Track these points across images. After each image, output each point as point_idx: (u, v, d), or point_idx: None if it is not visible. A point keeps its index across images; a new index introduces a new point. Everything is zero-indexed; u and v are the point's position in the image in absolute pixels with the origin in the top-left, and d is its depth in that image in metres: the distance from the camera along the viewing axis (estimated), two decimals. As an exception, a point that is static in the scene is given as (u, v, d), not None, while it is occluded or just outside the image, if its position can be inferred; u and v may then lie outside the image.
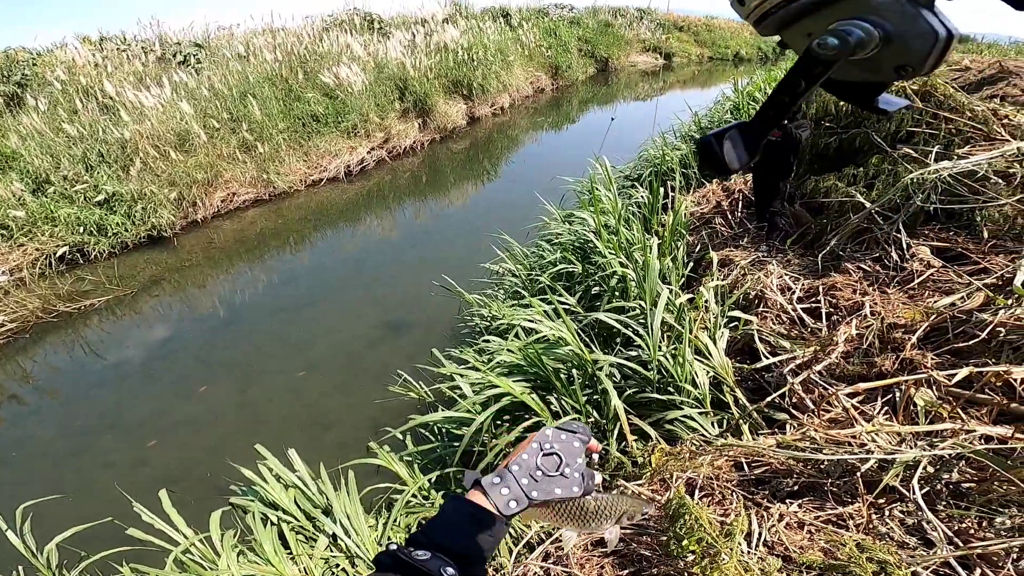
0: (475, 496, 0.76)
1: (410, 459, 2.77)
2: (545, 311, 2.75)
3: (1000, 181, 2.54)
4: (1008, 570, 1.25)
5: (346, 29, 12.97)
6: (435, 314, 4.85)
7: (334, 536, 2.26)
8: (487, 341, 2.94)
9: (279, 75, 10.03)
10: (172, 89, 8.75)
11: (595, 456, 0.87)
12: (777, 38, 0.62)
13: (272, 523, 2.28)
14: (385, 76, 10.87)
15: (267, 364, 4.56)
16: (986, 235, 2.54)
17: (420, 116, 11.15)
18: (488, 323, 3.53)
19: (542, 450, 0.81)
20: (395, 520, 2.32)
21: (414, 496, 2.48)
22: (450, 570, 0.65)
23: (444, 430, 2.92)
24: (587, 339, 2.71)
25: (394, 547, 0.67)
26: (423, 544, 0.68)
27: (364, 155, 9.70)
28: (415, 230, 7.42)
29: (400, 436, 2.95)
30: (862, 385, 1.92)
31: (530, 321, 2.74)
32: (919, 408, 1.92)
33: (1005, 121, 3.05)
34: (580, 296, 3.17)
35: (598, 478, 0.85)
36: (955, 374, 1.83)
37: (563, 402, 2.44)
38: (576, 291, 3.22)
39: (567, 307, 2.99)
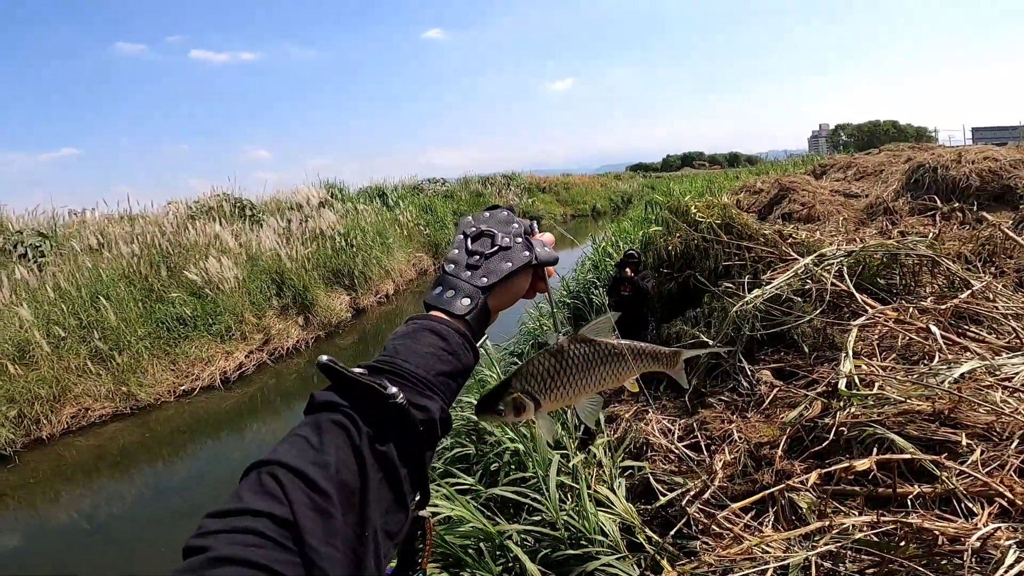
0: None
1: None
2: (444, 494, 2.69)
3: (799, 299, 3.08)
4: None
5: (214, 217, 11.56)
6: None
7: None
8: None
9: (138, 272, 8.80)
10: (11, 289, 7.55)
11: (534, 224, 0.74)
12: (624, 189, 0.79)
13: None
14: (260, 269, 9.90)
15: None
16: (807, 349, 3.00)
17: (301, 312, 10.11)
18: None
19: (467, 236, 0.69)
20: None
21: None
22: (393, 389, 0.52)
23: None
24: (493, 512, 2.66)
25: (324, 359, 0.54)
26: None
27: (242, 359, 8.59)
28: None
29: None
30: (745, 501, 2.03)
31: (430, 505, 2.64)
32: (804, 510, 2.06)
33: (791, 240, 3.80)
34: (481, 474, 3.15)
35: (547, 238, 0.74)
36: (808, 479, 2.00)
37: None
38: (475, 470, 3.20)
39: (467, 486, 2.95)
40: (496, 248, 0.68)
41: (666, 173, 51.75)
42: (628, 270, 3.62)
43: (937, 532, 1.76)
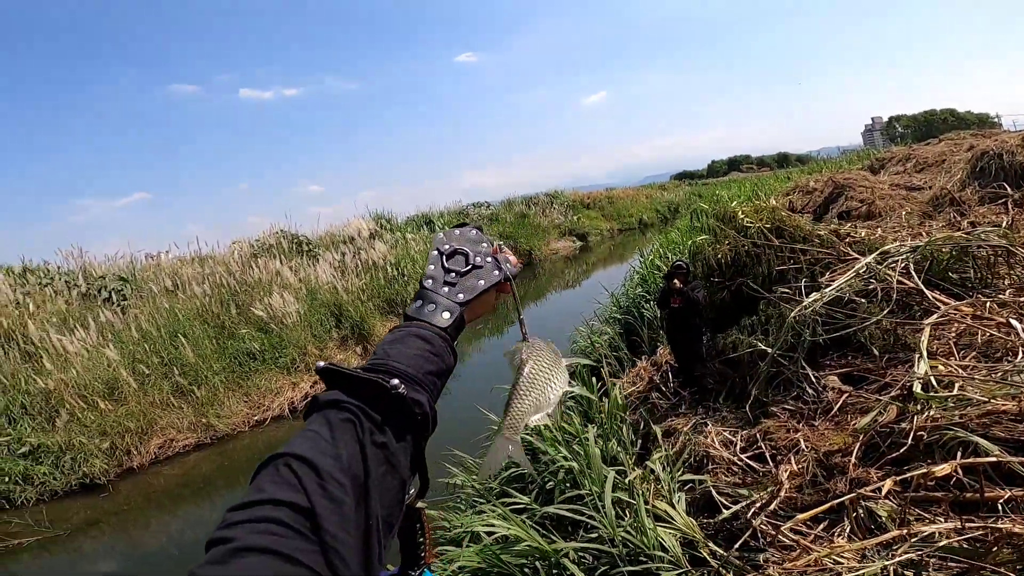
0: None
1: None
2: (499, 513, 2.69)
3: (863, 300, 2.93)
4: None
5: (274, 254, 12.20)
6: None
7: None
8: (446, 551, 2.78)
9: (210, 310, 9.40)
10: (98, 332, 8.20)
11: (500, 244, 0.81)
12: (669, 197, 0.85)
13: None
14: (319, 303, 10.34)
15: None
16: (876, 352, 2.84)
17: (359, 342, 10.51)
18: (446, 532, 3.35)
19: (443, 254, 0.76)
20: None
21: None
22: (395, 380, 0.58)
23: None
24: (548, 531, 2.64)
25: (321, 364, 0.61)
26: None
27: (308, 390, 8.99)
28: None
29: None
30: (813, 511, 1.93)
31: (487, 525, 2.65)
32: (884, 519, 1.93)
33: (848, 239, 3.61)
34: (537, 493, 3.12)
35: (512, 258, 0.81)
36: (882, 486, 1.88)
37: (532, 597, 2.29)
38: (531, 490, 3.18)
39: (522, 506, 2.94)
40: (470, 267, 0.75)
41: (712, 180, 50.51)
42: (677, 281, 3.54)
43: (1025, 534, 1.62)
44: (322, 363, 0.60)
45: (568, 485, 2.95)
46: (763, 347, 3.22)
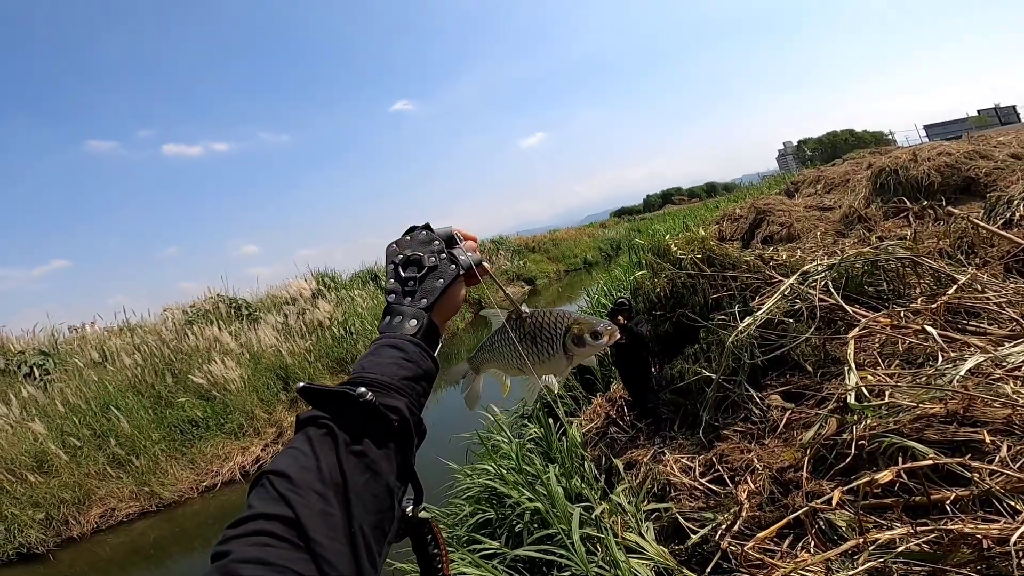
0: None
1: None
2: (470, 561, 2.64)
3: (791, 320, 3.11)
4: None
5: (211, 319, 11.89)
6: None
7: None
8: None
9: (143, 381, 9.22)
10: (20, 407, 8.01)
11: (455, 234, 0.80)
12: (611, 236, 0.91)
13: None
14: (263, 366, 10.15)
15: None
16: (810, 369, 3.00)
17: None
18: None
19: (398, 265, 0.76)
20: None
21: None
22: (362, 388, 0.59)
23: None
24: (522, 574, 2.61)
25: (300, 384, 0.61)
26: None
27: (259, 453, 8.84)
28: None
29: None
30: (772, 528, 1.99)
31: (458, 574, 2.59)
32: (843, 528, 2.01)
33: (772, 263, 3.84)
34: (506, 536, 3.08)
35: (469, 244, 0.80)
36: (832, 498, 1.97)
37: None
38: (499, 534, 3.14)
39: (493, 550, 2.89)
40: (425, 270, 0.75)
41: (649, 214, 52.54)
42: (620, 318, 3.65)
43: (980, 535, 1.72)
44: (301, 384, 0.62)
45: (536, 526, 2.94)
46: (708, 373, 3.34)
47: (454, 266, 0.76)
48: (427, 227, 0.81)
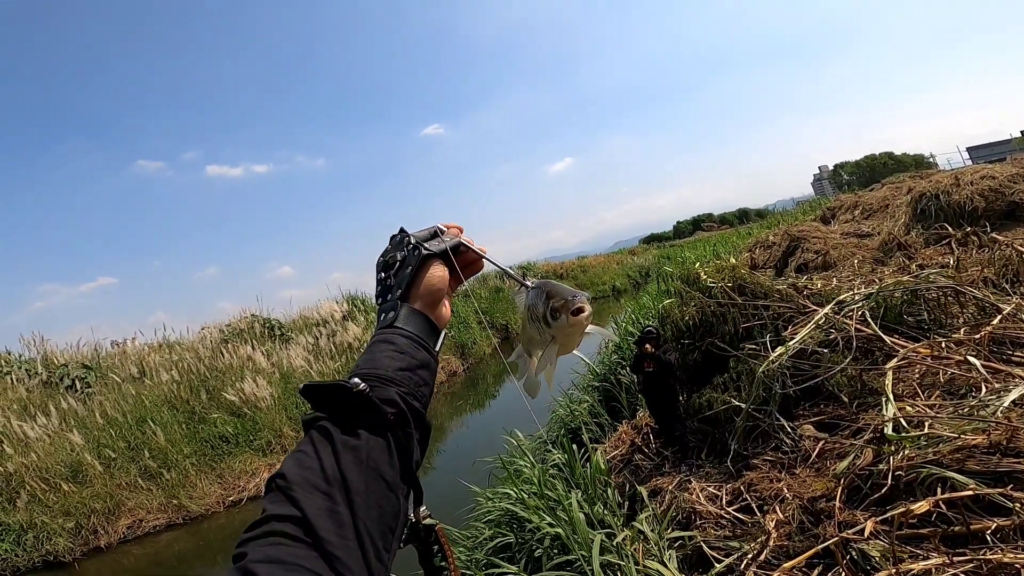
0: None
1: None
2: None
3: (826, 351, 3.02)
4: None
5: (246, 339, 12.17)
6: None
7: None
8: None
9: (179, 396, 9.45)
10: (60, 418, 8.26)
11: (438, 229, 0.81)
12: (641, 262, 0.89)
13: None
14: (293, 386, 10.19)
15: None
16: (846, 399, 2.90)
17: None
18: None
19: (379, 269, 0.79)
20: None
21: None
22: (355, 379, 0.61)
23: None
24: None
25: (302, 385, 0.62)
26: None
27: None
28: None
29: None
30: (800, 557, 1.91)
31: None
32: (877, 559, 1.92)
33: (806, 292, 3.74)
34: (525, 561, 3.03)
35: (452, 232, 0.81)
36: (865, 528, 1.89)
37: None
38: (518, 558, 3.08)
39: (511, 575, 2.84)
40: (397, 265, 0.78)
41: (679, 241, 51.95)
42: (648, 346, 3.62)
43: (1019, 565, 1.64)
44: (302, 384, 0.63)
45: (556, 551, 2.89)
46: (737, 403, 3.26)
47: (418, 251, 0.76)
48: (401, 231, 0.83)
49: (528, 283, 0.84)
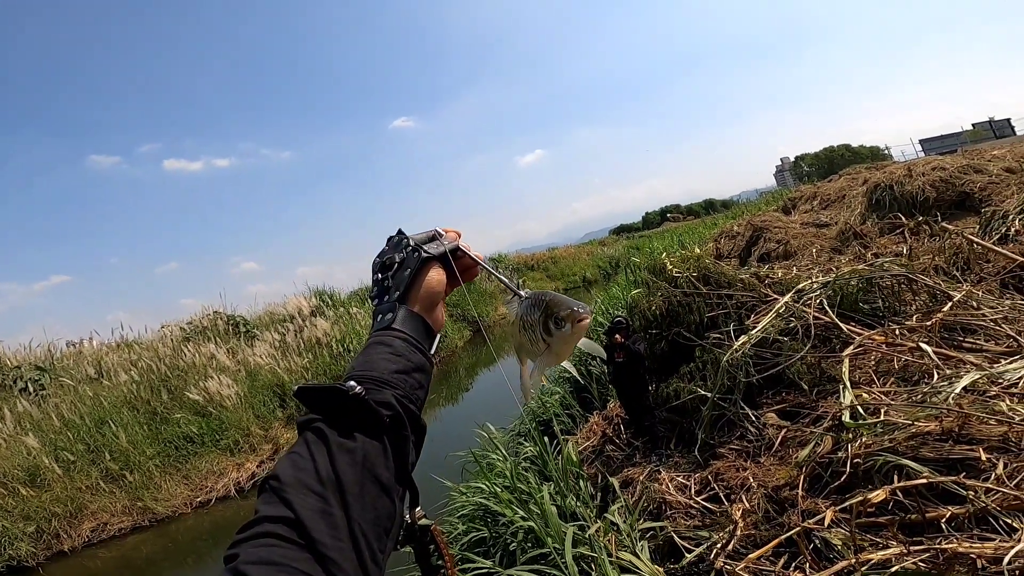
0: None
1: None
2: None
3: (786, 339, 3.10)
4: None
5: (209, 336, 12.06)
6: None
7: None
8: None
9: (139, 397, 9.27)
10: (15, 421, 8.14)
11: (437, 232, 0.82)
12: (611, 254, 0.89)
13: None
14: (260, 384, 10.19)
15: None
16: (806, 387, 2.99)
17: None
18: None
19: (376, 270, 0.79)
20: None
21: None
22: (351, 382, 0.61)
23: None
24: None
25: (296, 387, 0.62)
26: None
27: (254, 469, 8.88)
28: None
29: None
30: (765, 548, 1.97)
31: None
32: (839, 547, 1.98)
33: (768, 281, 3.84)
34: (500, 555, 3.05)
35: (451, 236, 0.82)
36: (824, 517, 1.95)
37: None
38: (493, 552, 3.11)
39: (486, 570, 2.86)
40: (395, 267, 0.78)
41: (648, 231, 52.54)
42: (618, 336, 3.66)
43: (974, 555, 1.71)
44: (297, 386, 0.63)
45: (530, 545, 2.91)
46: (703, 392, 3.33)
47: (418, 254, 0.77)
48: (399, 232, 0.83)
49: (522, 293, 0.86)
